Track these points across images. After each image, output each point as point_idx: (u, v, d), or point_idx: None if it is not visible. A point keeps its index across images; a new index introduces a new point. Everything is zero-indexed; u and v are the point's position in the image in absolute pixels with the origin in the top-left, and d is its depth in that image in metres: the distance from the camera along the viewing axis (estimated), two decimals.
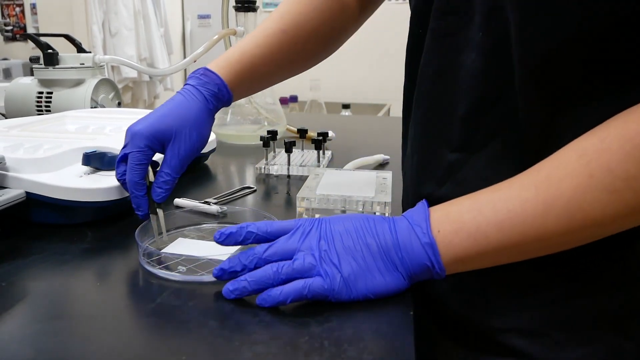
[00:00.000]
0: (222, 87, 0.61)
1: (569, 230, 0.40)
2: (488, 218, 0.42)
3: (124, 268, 0.53)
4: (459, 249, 0.43)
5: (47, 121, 0.88)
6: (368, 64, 3.09)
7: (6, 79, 3.22)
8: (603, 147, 0.39)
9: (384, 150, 0.97)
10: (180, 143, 0.56)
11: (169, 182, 0.56)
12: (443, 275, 0.44)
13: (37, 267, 0.52)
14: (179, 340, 0.40)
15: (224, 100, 0.62)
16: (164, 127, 0.56)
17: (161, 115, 0.57)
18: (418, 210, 0.46)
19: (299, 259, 0.45)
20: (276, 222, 0.49)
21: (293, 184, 0.82)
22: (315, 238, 0.46)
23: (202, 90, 0.60)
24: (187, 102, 0.59)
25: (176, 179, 0.57)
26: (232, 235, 0.47)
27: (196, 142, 0.58)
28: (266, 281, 0.44)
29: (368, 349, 0.39)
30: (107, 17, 3.05)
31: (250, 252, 0.46)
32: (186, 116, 0.57)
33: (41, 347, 0.39)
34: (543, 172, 0.42)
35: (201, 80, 0.60)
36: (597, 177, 0.38)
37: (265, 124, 1.15)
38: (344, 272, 0.44)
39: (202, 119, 0.59)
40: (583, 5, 0.39)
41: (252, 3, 1.09)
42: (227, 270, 0.46)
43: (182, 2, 3.84)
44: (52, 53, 1.11)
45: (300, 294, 0.44)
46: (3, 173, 0.59)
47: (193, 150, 0.58)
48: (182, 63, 1.13)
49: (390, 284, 0.45)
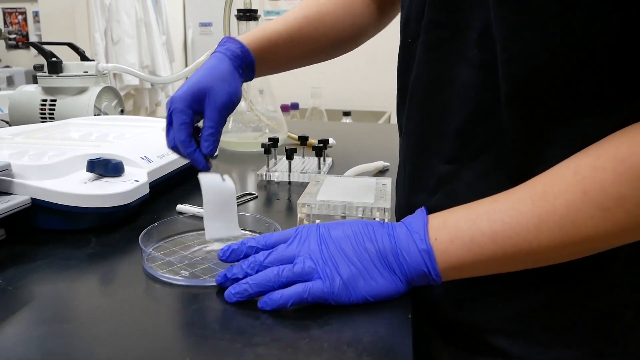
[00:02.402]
0: (244, 49, 0.64)
1: (561, 244, 0.41)
2: (483, 229, 0.43)
3: (128, 272, 0.54)
4: (453, 257, 0.44)
5: (51, 128, 0.89)
6: (369, 71, 3.09)
7: (9, 87, 3.25)
8: (597, 165, 0.39)
9: (384, 157, 0.98)
10: (214, 97, 0.59)
11: (214, 134, 0.59)
12: (439, 282, 0.45)
13: (43, 271, 0.53)
14: (182, 342, 0.41)
15: (248, 62, 0.65)
16: (197, 87, 0.59)
17: (193, 79, 0.60)
18: (417, 217, 0.47)
19: (299, 263, 0.46)
20: (275, 233, 0.50)
21: (294, 191, 0.83)
22: (314, 243, 0.47)
23: (226, 52, 0.63)
24: (214, 63, 0.62)
25: (219, 130, 0.60)
26: (234, 251, 0.49)
27: (229, 93, 0.61)
28: (267, 284, 0.45)
29: (367, 351, 0.40)
30: (109, 25, 3.07)
31: (252, 259, 0.47)
32: (214, 74, 0.61)
33: (47, 349, 0.40)
34: (539, 187, 0.42)
35: (223, 45, 0.64)
36: (591, 194, 0.39)
37: (266, 131, 1.16)
38: (344, 275, 0.45)
39: (230, 74, 0.62)
40: (564, 27, 0.40)
41: (254, 12, 1.11)
42: (230, 277, 0.48)
43: (184, 10, 3.86)
44: (56, 61, 1.13)
45: (301, 297, 0.44)
46: (9, 179, 0.60)
47: (228, 101, 0.60)
48: (184, 71, 1.15)
49: (389, 287, 0.46)
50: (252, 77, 0.67)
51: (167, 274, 0.52)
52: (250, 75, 0.66)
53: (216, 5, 2.01)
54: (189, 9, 3.85)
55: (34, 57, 3.83)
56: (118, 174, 0.66)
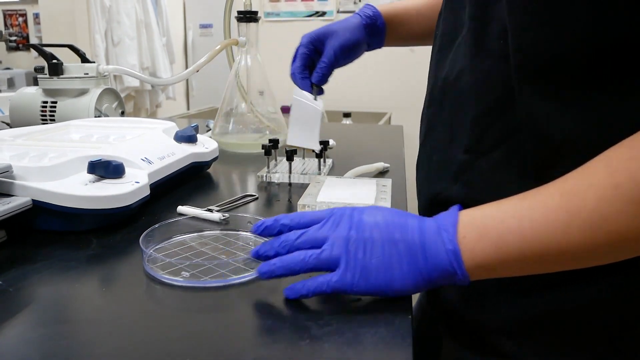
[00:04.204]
0: (375, 11, 0.78)
1: (592, 242, 0.39)
2: (511, 226, 0.42)
3: (129, 274, 0.54)
4: (480, 256, 0.43)
5: (52, 130, 0.89)
6: (369, 72, 3.10)
7: (10, 89, 3.25)
8: (630, 155, 0.38)
9: (384, 158, 0.98)
10: (334, 39, 0.72)
11: (324, 68, 0.71)
12: (467, 282, 0.44)
13: (43, 273, 0.53)
14: (183, 344, 0.41)
15: (377, 22, 0.77)
16: (323, 30, 0.74)
17: (325, 25, 0.75)
18: (449, 214, 0.46)
19: (326, 250, 0.45)
20: (309, 212, 0.50)
21: (294, 192, 0.83)
22: (345, 228, 0.46)
23: (360, 12, 0.77)
24: (347, 18, 0.76)
25: (331, 66, 0.71)
26: (268, 228, 0.49)
27: (347, 38, 0.72)
28: (293, 267, 0.46)
29: (367, 352, 0.40)
30: (109, 26, 3.08)
31: (284, 238, 0.48)
32: (342, 24, 0.75)
33: (47, 350, 0.40)
34: (569, 182, 0.41)
35: (361, 9, 0.78)
36: (623, 187, 0.37)
37: (267, 132, 1.16)
38: (366, 266, 0.44)
39: (355, 26, 0.75)
40: (574, 17, 0.40)
41: (254, 13, 1.11)
42: (262, 254, 0.48)
43: (184, 11, 3.87)
44: (56, 63, 1.13)
45: (321, 289, 0.45)
46: (9, 181, 0.60)
47: (344, 42, 0.72)
48: (184, 73, 1.15)
49: (409, 283, 0.44)
50: (381, 41, 0.79)
51: (167, 275, 0.52)
52: (379, 39, 0.78)
53: (216, 6, 2.01)
54: (189, 10, 3.86)
55: (34, 59, 3.84)
56: (119, 176, 0.66)
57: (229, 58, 1.17)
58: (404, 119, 2.46)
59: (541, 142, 0.44)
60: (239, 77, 1.15)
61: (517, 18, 0.43)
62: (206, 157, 0.89)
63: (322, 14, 2.37)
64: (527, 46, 0.43)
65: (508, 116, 0.46)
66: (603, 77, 0.41)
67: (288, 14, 2.48)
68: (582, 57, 0.41)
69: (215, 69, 1.94)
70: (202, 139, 0.93)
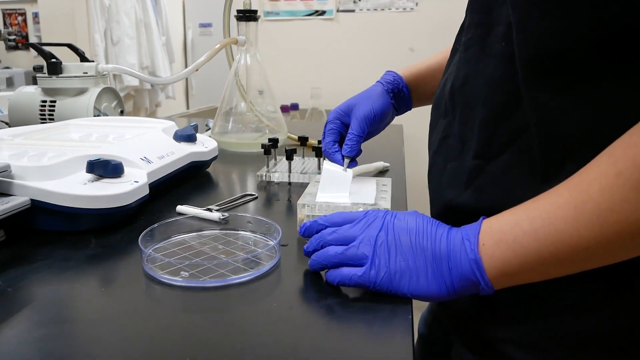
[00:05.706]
0: (396, 76, 0.79)
1: (602, 236, 0.38)
2: (524, 228, 0.42)
3: (128, 274, 0.54)
4: (500, 261, 0.43)
5: (51, 129, 0.89)
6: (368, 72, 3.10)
7: (9, 88, 3.25)
8: (630, 141, 0.38)
9: (384, 157, 0.98)
10: (359, 110, 0.72)
11: (354, 139, 0.71)
12: (491, 292, 0.44)
13: (42, 273, 0.53)
14: (182, 344, 0.41)
15: (399, 86, 0.78)
16: (347, 103, 0.75)
17: (349, 99, 0.76)
18: (475, 224, 0.46)
19: (354, 247, 0.48)
20: (344, 212, 0.54)
21: (294, 191, 0.83)
22: (375, 229, 0.48)
23: (381, 80, 0.79)
24: (369, 88, 0.78)
25: (360, 137, 0.71)
26: (307, 228, 0.54)
27: (371, 108, 0.73)
28: (324, 261, 0.50)
29: (367, 353, 0.40)
30: (109, 25, 3.08)
31: (319, 236, 0.52)
32: (364, 94, 0.76)
33: (47, 350, 0.40)
34: (576, 177, 0.41)
35: (383, 76, 0.79)
36: (625, 174, 0.37)
37: (266, 131, 1.16)
38: (392, 268, 0.46)
39: (378, 94, 0.76)
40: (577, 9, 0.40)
41: (253, 12, 1.11)
42: (305, 249, 0.53)
43: (184, 10, 3.86)
44: (55, 62, 1.12)
45: (345, 281, 0.48)
46: (8, 181, 0.60)
47: (368, 113, 0.72)
48: (184, 72, 1.15)
49: (432, 290, 0.45)
50: (409, 102, 0.80)
51: (167, 274, 0.51)
52: (406, 101, 0.80)
53: (216, 5, 2.01)
54: (189, 9, 3.86)
55: (33, 58, 3.84)
56: (118, 175, 0.66)
57: (228, 57, 1.17)
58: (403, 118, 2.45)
59: (551, 140, 0.44)
60: (238, 76, 1.15)
61: (521, 10, 0.43)
62: (205, 156, 0.89)
63: (321, 13, 2.37)
64: (532, 39, 0.43)
65: (514, 118, 0.46)
66: (611, 69, 0.41)
67: (287, 13, 2.48)
68: (588, 47, 0.40)
69: (214, 68, 1.95)
70: (202, 139, 0.93)
